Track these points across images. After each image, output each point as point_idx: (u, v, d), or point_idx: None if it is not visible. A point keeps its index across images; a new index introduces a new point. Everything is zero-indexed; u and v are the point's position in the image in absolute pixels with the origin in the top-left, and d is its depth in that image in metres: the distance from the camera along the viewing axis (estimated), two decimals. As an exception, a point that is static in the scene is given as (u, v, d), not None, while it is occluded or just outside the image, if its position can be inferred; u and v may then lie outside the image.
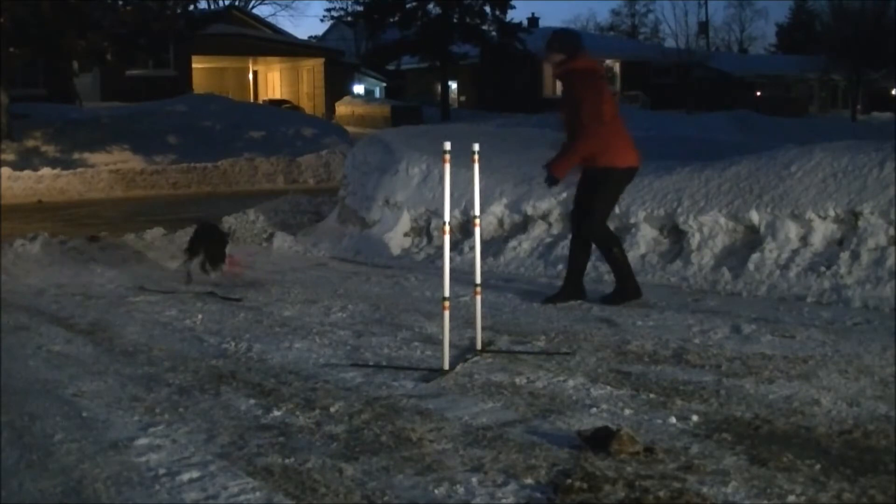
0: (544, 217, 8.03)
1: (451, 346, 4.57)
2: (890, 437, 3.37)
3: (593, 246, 6.22)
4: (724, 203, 6.98)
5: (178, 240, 10.04)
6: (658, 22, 69.19)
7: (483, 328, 4.96)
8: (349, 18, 50.72)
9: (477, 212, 5.24)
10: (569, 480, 2.98)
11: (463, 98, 45.59)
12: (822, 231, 6.48)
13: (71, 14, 19.42)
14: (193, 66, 34.93)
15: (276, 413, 3.85)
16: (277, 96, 40.31)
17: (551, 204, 7.99)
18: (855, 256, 6.16)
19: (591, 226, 6.06)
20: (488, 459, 3.23)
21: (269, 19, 47.91)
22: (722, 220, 6.94)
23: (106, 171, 20.03)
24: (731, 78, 46.33)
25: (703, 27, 57.02)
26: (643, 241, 7.25)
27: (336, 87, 38.65)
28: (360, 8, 41.98)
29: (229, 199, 15.27)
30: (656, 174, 7.63)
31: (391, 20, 38.21)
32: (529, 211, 8.08)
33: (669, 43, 54.87)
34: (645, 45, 54.28)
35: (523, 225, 8.13)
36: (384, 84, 47.00)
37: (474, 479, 3.05)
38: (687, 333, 5.13)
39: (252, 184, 20.33)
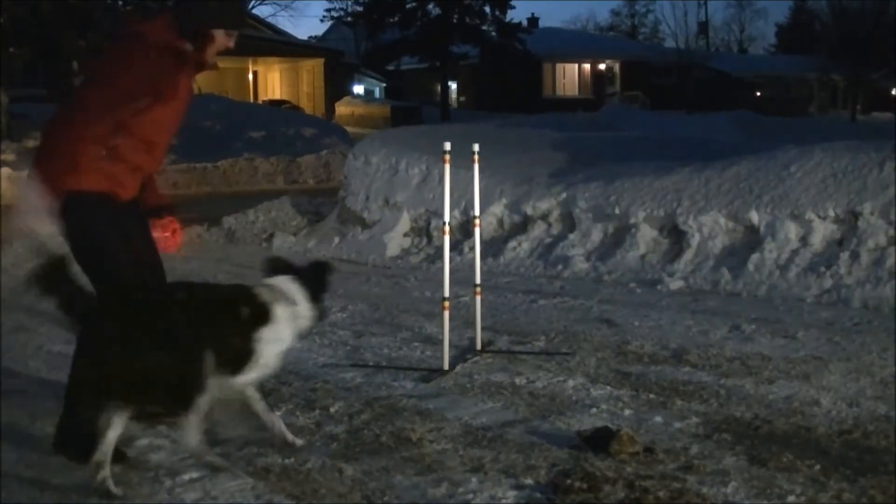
0: (544, 217, 8.03)
1: (450, 346, 4.57)
2: (890, 437, 3.37)
3: None
4: (724, 203, 6.98)
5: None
6: (658, 22, 68.79)
7: (483, 328, 4.95)
8: (349, 18, 50.68)
9: (477, 212, 5.24)
10: (569, 480, 2.98)
11: (463, 98, 45.55)
12: (822, 231, 6.48)
13: (71, 14, 19.43)
14: (193, 66, 34.87)
15: (276, 413, 3.84)
16: (277, 96, 40.26)
17: (551, 204, 8.00)
18: (855, 257, 6.16)
19: None
20: (488, 459, 3.23)
21: (269, 19, 47.78)
22: (722, 221, 6.94)
23: (106, 171, 20.02)
24: (730, 78, 46.29)
25: (703, 27, 56.98)
26: (643, 241, 7.25)
27: (336, 88, 38.61)
28: (359, 8, 41.99)
29: (229, 200, 15.25)
30: (656, 174, 7.63)
31: (391, 20, 38.17)
32: (529, 211, 8.08)
33: (669, 43, 54.80)
34: (645, 46, 54.21)
35: (523, 225, 8.13)
36: (384, 84, 46.99)
37: (474, 479, 3.05)
38: (687, 333, 5.13)
39: (252, 184, 20.29)
